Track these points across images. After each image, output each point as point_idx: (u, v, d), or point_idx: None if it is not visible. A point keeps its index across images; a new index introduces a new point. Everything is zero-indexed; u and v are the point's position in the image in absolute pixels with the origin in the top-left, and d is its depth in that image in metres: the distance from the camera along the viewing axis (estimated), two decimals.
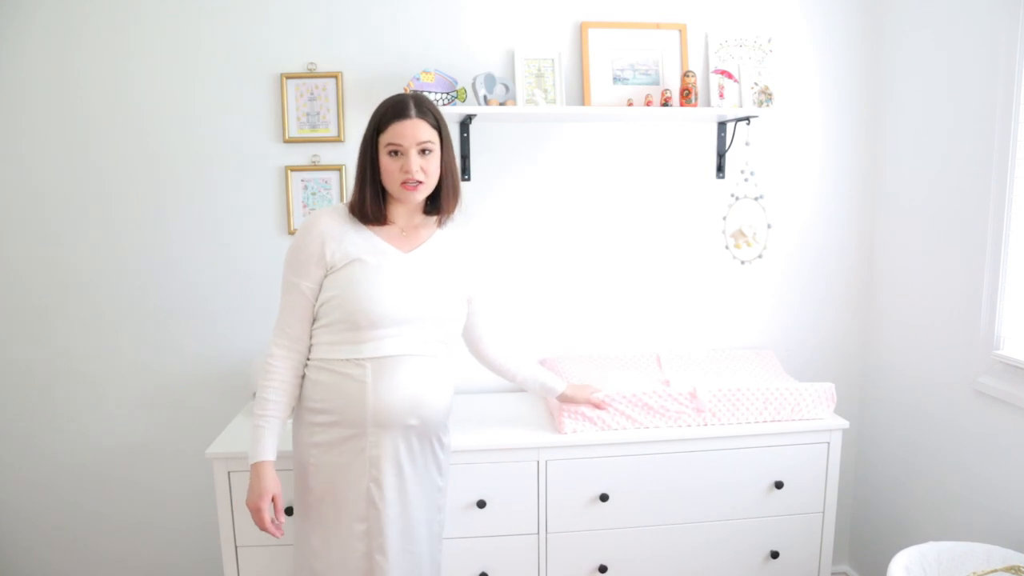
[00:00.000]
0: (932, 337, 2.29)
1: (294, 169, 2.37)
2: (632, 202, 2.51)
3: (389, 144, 1.61)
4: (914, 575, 1.77)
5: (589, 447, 2.08)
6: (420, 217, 1.75)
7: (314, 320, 1.68)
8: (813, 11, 2.48)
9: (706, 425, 2.13)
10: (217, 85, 2.33)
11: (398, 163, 1.62)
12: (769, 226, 2.40)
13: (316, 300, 1.66)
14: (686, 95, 2.30)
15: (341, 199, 2.39)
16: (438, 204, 1.74)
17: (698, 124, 2.49)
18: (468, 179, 2.42)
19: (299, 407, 1.71)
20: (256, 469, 1.64)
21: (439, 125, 1.67)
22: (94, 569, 2.52)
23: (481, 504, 2.05)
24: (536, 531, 2.10)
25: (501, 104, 2.27)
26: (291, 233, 2.40)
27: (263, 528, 1.64)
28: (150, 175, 2.35)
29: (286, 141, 2.36)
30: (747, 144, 2.44)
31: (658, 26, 2.41)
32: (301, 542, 1.73)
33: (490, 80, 2.27)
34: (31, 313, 2.38)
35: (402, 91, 2.24)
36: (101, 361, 2.41)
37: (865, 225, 2.60)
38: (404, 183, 1.62)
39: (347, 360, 1.63)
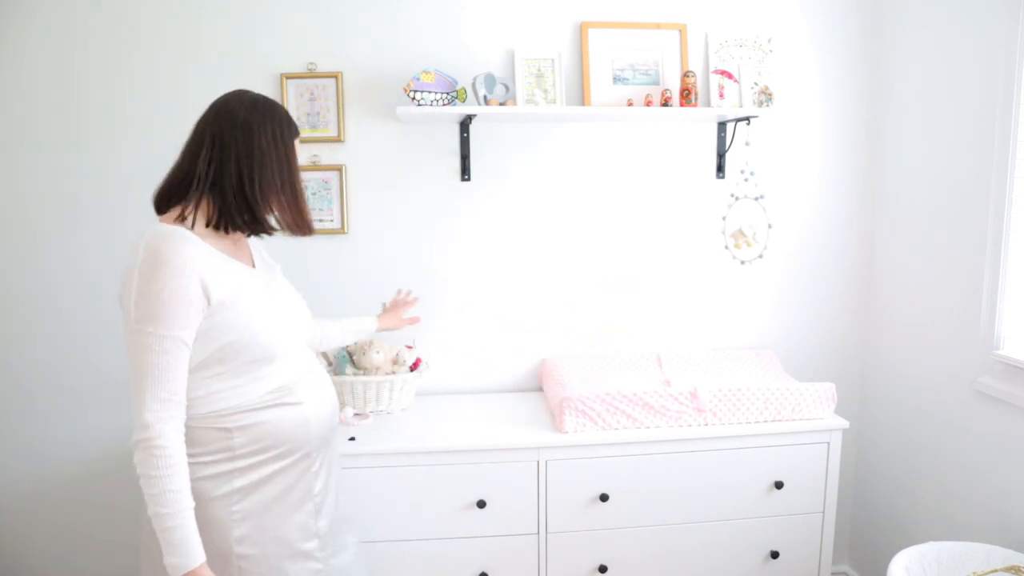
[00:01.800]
0: (932, 337, 2.29)
1: None
2: (632, 202, 2.51)
3: (297, 153, 1.56)
4: (914, 575, 1.77)
5: (589, 447, 2.08)
6: None
7: (196, 370, 1.41)
8: (813, 11, 2.48)
9: (706, 425, 2.13)
10: (217, 85, 2.31)
11: None
12: (769, 226, 2.40)
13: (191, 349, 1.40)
14: (686, 95, 2.30)
15: (341, 199, 2.39)
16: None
17: (698, 124, 2.49)
18: (468, 179, 2.43)
19: (200, 464, 1.43)
20: (196, 575, 1.34)
21: None
22: (95, 561, 2.52)
23: (481, 504, 2.05)
24: (536, 531, 2.10)
25: (501, 104, 2.27)
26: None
27: None
28: (150, 176, 2.33)
29: None
30: (747, 144, 2.44)
31: (658, 26, 2.41)
32: None
33: (490, 80, 2.27)
34: (31, 310, 2.38)
35: (402, 91, 2.26)
36: (108, 359, 2.40)
37: (865, 225, 2.60)
38: None
39: (271, 392, 1.48)
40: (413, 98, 2.17)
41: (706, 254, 2.55)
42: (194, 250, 1.39)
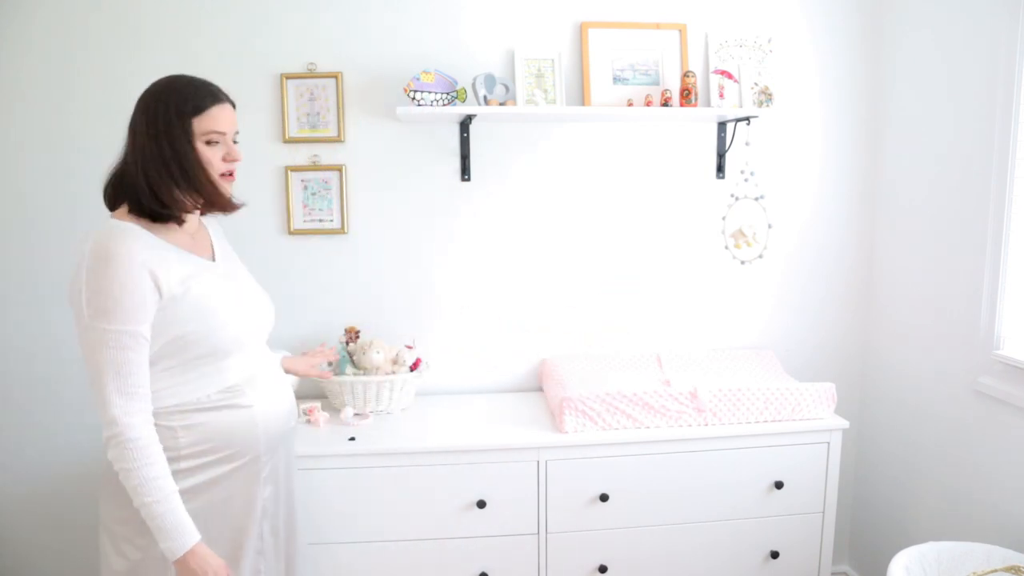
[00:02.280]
0: (932, 337, 2.29)
1: (294, 169, 2.37)
2: (632, 202, 2.51)
3: (210, 131, 1.43)
4: (914, 575, 1.77)
5: (589, 447, 2.08)
6: (197, 217, 1.58)
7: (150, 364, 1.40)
8: (813, 11, 2.48)
9: (706, 425, 2.13)
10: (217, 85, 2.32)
11: (218, 152, 1.46)
12: (769, 226, 2.40)
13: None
14: (686, 95, 2.30)
15: (341, 199, 2.39)
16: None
17: (698, 124, 2.49)
18: (468, 179, 2.43)
19: None
20: (194, 555, 1.37)
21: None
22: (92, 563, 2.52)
23: (481, 504, 2.05)
24: (536, 531, 2.10)
25: (501, 104, 2.27)
26: (291, 233, 2.40)
27: None
28: None
29: (286, 141, 2.36)
30: (747, 144, 2.44)
31: (658, 26, 2.41)
32: None
33: (490, 80, 2.27)
34: (27, 310, 2.37)
35: (402, 91, 2.26)
36: None
37: (865, 225, 2.60)
38: (225, 174, 1.48)
39: (222, 392, 1.46)
40: (413, 98, 2.17)
41: (706, 254, 2.55)
42: (141, 243, 1.38)
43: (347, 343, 2.33)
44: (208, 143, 1.44)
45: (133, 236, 1.38)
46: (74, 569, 2.51)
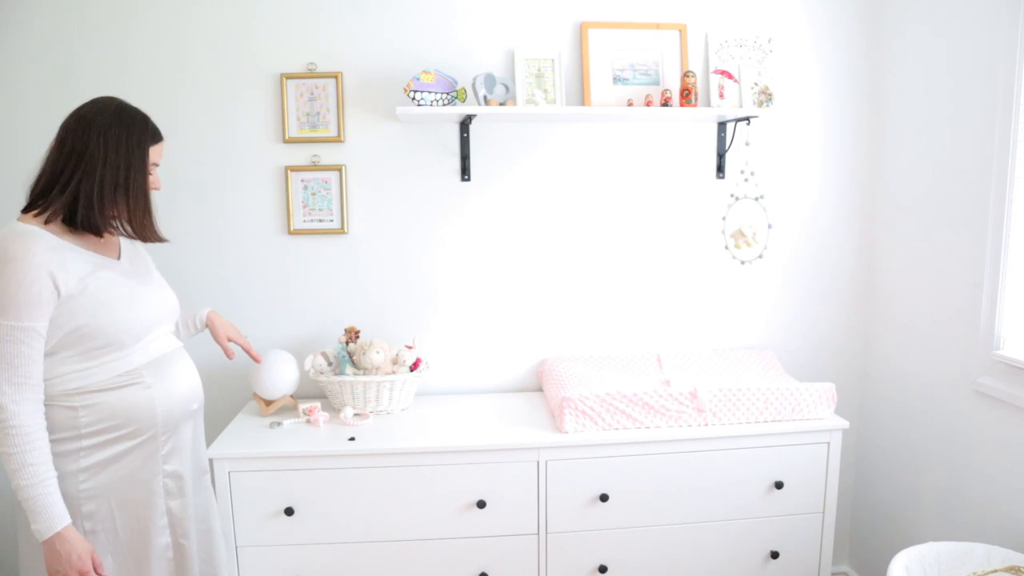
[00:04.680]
0: (932, 337, 2.29)
1: (294, 169, 2.37)
2: (632, 202, 2.51)
3: (154, 162, 1.62)
4: (914, 575, 1.77)
5: (589, 447, 2.08)
6: None
7: (47, 354, 1.50)
8: (813, 11, 2.48)
9: (706, 425, 2.13)
10: (217, 85, 2.33)
11: (150, 179, 1.63)
12: (769, 226, 2.40)
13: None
14: (686, 95, 2.30)
15: (341, 199, 2.39)
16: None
17: (698, 124, 2.49)
18: (468, 179, 2.43)
19: (50, 443, 1.52)
20: (61, 538, 1.45)
21: None
22: None
23: (481, 504, 2.05)
24: (536, 531, 2.10)
25: (501, 104, 2.27)
26: (291, 233, 2.40)
27: None
28: None
29: (286, 141, 2.36)
30: (747, 144, 2.44)
31: (658, 26, 2.41)
32: None
33: (490, 80, 2.27)
34: None
35: (402, 91, 2.26)
36: None
37: (865, 225, 2.60)
38: None
39: (119, 375, 1.55)
40: (413, 98, 2.17)
41: (706, 254, 2.55)
42: (41, 245, 1.47)
43: (347, 343, 2.33)
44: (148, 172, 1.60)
45: (34, 238, 1.48)
46: None
